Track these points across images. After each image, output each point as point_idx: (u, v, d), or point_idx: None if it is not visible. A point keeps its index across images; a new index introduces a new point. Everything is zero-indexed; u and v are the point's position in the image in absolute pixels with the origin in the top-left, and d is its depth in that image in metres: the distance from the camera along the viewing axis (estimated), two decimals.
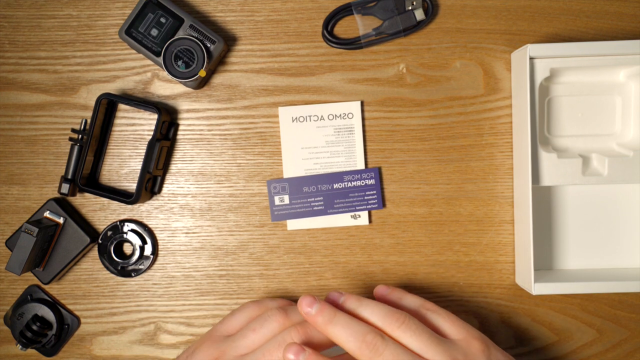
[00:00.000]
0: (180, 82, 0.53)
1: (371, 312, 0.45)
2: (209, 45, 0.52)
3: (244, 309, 0.50)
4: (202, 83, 0.55)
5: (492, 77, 0.55)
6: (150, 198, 0.56)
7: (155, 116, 0.54)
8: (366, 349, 0.43)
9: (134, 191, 0.55)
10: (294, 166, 0.55)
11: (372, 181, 0.55)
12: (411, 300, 0.49)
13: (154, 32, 0.52)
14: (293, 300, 0.56)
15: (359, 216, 0.55)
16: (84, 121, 0.55)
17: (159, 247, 0.56)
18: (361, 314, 0.46)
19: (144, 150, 0.54)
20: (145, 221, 0.56)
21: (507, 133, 0.55)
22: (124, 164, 0.56)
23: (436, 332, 0.45)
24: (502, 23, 0.55)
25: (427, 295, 0.56)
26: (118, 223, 0.55)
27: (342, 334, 0.44)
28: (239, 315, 0.50)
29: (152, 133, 0.55)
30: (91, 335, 0.56)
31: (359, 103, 0.55)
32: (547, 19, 0.55)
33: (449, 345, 0.44)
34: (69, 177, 0.54)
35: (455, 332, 0.46)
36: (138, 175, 0.54)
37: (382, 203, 0.56)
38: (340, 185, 0.55)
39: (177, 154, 0.56)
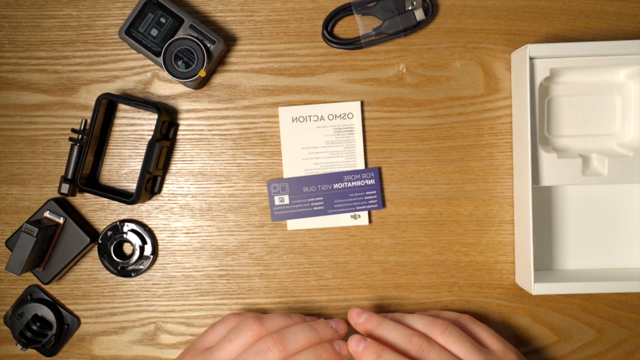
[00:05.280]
0: (180, 82, 0.53)
1: (415, 321, 0.49)
2: (209, 45, 0.52)
3: (223, 321, 0.51)
4: (202, 83, 0.55)
5: (492, 77, 0.55)
6: (150, 198, 0.56)
7: (155, 116, 0.54)
8: (413, 349, 0.46)
9: (134, 191, 0.55)
10: (294, 166, 0.55)
11: (372, 181, 0.55)
12: (448, 314, 0.52)
13: (154, 32, 0.52)
14: (292, 299, 0.56)
15: (359, 216, 0.55)
16: (84, 121, 0.55)
17: (159, 247, 0.56)
18: (407, 323, 0.49)
19: (144, 150, 0.54)
20: (145, 221, 0.56)
21: (507, 133, 0.55)
22: (124, 164, 0.56)
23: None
24: (502, 23, 0.55)
25: (428, 295, 0.56)
26: (118, 223, 0.55)
27: (390, 335, 0.47)
28: (219, 328, 0.50)
29: (152, 133, 0.55)
30: (91, 335, 0.56)
31: (359, 103, 0.55)
32: (547, 19, 0.55)
33: (488, 354, 0.47)
34: (69, 177, 0.54)
35: (493, 343, 0.49)
36: (138, 175, 0.54)
37: (382, 203, 0.56)
38: (340, 185, 0.55)
39: (177, 154, 0.56)
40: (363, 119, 0.55)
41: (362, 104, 0.55)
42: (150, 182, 0.54)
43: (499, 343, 0.49)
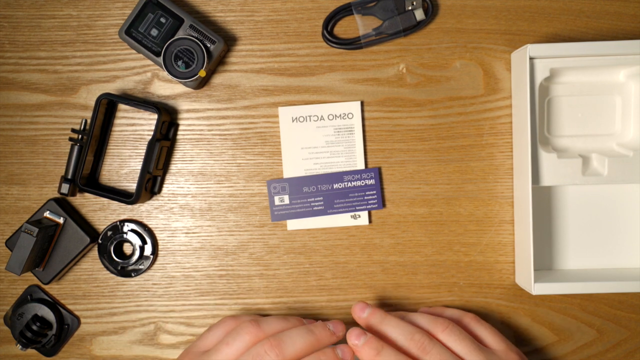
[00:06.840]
0: (180, 82, 0.53)
1: (418, 318, 0.49)
2: (209, 45, 0.52)
3: (221, 324, 0.51)
4: (202, 83, 0.55)
5: (492, 77, 0.55)
6: (150, 198, 0.56)
7: (155, 116, 0.54)
8: (414, 346, 0.46)
9: (134, 191, 0.55)
10: (294, 166, 0.55)
11: (372, 181, 0.55)
12: (452, 312, 0.52)
13: (154, 32, 0.52)
14: (292, 299, 0.56)
15: (359, 216, 0.55)
16: (84, 121, 0.55)
17: (159, 247, 0.56)
18: (409, 319, 0.49)
19: (144, 150, 0.54)
20: (145, 221, 0.56)
21: (507, 133, 0.55)
22: (124, 164, 0.56)
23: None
24: (502, 23, 0.55)
25: (428, 295, 0.56)
26: (118, 223, 0.55)
27: (392, 332, 0.47)
28: (216, 331, 0.50)
29: (152, 133, 0.55)
30: (91, 335, 0.56)
31: (359, 103, 0.55)
32: (547, 19, 0.55)
33: (489, 354, 0.47)
34: (69, 177, 0.54)
35: (495, 343, 0.49)
36: (138, 175, 0.54)
37: (382, 203, 0.56)
38: (340, 185, 0.55)
39: (177, 154, 0.56)
40: (363, 119, 0.55)
41: (362, 104, 0.55)
42: (150, 182, 0.54)
43: (501, 343, 0.49)
